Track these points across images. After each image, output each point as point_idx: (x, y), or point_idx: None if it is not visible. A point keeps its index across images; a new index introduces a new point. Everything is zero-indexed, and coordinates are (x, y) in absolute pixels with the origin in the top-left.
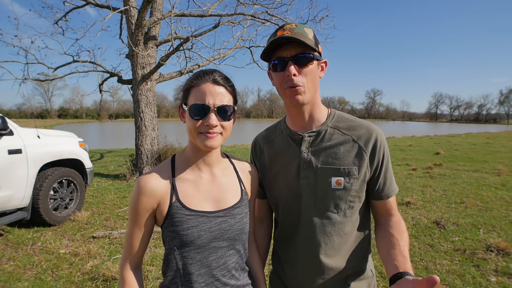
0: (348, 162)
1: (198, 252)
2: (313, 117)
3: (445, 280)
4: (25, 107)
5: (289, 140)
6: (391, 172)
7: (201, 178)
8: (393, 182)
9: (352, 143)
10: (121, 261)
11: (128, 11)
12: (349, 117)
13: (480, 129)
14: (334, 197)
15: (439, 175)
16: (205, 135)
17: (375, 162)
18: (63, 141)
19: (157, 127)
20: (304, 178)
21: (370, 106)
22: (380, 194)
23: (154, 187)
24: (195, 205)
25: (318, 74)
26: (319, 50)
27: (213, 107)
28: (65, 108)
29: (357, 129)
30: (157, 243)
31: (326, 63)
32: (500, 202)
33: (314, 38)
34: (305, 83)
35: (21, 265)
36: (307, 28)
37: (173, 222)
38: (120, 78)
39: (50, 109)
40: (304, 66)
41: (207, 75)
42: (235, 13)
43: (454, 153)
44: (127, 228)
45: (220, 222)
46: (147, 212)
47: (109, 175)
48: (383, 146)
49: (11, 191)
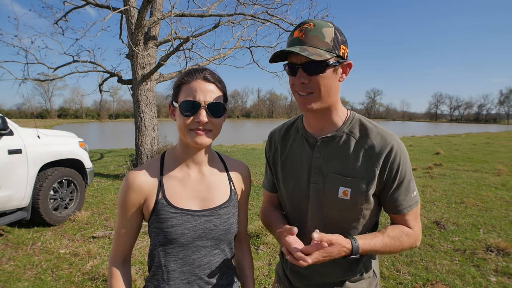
0: (358, 174)
1: (181, 250)
2: (329, 121)
3: (445, 280)
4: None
5: (304, 142)
6: (408, 187)
7: (189, 176)
8: (408, 198)
9: (364, 153)
10: (110, 255)
11: (128, 11)
12: (368, 124)
13: (480, 129)
14: (340, 206)
15: (439, 175)
16: (195, 132)
17: (386, 175)
18: (63, 141)
19: (157, 127)
20: (314, 182)
21: (370, 106)
22: (393, 208)
23: (141, 183)
24: (181, 203)
25: (334, 79)
26: (339, 53)
27: (204, 103)
28: (65, 108)
29: (372, 138)
30: None
31: (350, 65)
32: (500, 202)
33: (334, 40)
34: (317, 90)
35: (21, 265)
36: (327, 28)
37: (158, 219)
38: (120, 78)
39: (50, 109)
40: (315, 74)
41: (197, 73)
42: (235, 13)
43: (454, 153)
44: (116, 223)
45: (205, 222)
46: (134, 207)
47: (109, 175)
48: (398, 159)
49: (11, 191)
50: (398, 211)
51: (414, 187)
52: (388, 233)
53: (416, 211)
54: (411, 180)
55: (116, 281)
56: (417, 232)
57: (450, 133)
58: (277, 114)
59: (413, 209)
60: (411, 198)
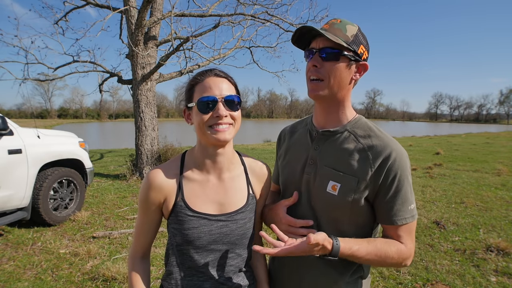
0: (350, 171)
1: (197, 252)
2: (334, 117)
3: (445, 280)
4: (25, 107)
5: (307, 134)
6: (405, 198)
7: (208, 181)
8: (404, 209)
9: (361, 153)
10: (129, 251)
11: (128, 11)
12: (373, 127)
13: (480, 129)
14: (327, 201)
15: (439, 175)
16: (215, 129)
17: (381, 180)
18: (63, 141)
19: (157, 127)
20: (307, 173)
21: (370, 106)
22: (385, 218)
23: (162, 183)
24: (198, 207)
25: (347, 74)
26: (357, 50)
27: (220, 98)
28: (65, 108)
29: (373, 140)
30: (157, 243)
31: (366, 67)
32: (500, 202)
33: (354, 37)
34: (327, 77)
35: (21, 265)
36: (351, 26)
37: (176, 220)
38: (120, 78)
39: (50, 109)
40: (329, 61)
41: (208, 71)
42: (235, 13)
43: (454, 153)
44: (136, 219)
45: (221, 226)
46: (154, 205)
47: (109, 175)
48: (396, 167)
49: (11, 191)
50: (391, 221)
51: (412, 200)
52: (376, 243)
53: (411, 227)
54: (410, 192)
55: (135, 276)
56: (409, 250)
57: (450, 133)
58: (277, 114)
59: (409, 222)
60: (408, 211)
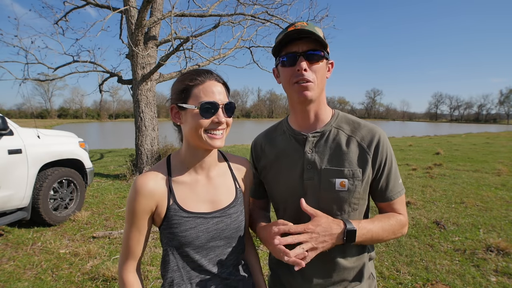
0: (353, 164)
1: (197, 251)
2: (317, 117)
3: (445, 280)
4: (25, 107)
5: (292, 140)
6: (396, 174)
7: (197, 180)
8: (397, 184)
9: (355, 145)
10: (119, 263)
11: (128, 11)
12: (352, 118)
13: (480, 129)
14: (338, 199)
15: (439, 175)
16: (210, 135)
17: (377, 163)
18: (63, 141)
19: (157, 127)
20: (308, 179)
21: (370, 106)
22: (383, 196)
23: (152, 189)
24: (192, 207)
25: (325, 72)
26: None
27: (222, 104)
28: (65, 108)
29: (360, 130)
30: (157, 243)
31: (333, 64)
32: (500, 202)
33: (324, 37)
34: (315, 79)
35: (21, 265)
36: (318, 28)
37: (171, 224)
38: (120, 78)
39: (50, 109)
40: (315, 63)
41: (207, 74)
42: (235, 13)
43: (454, 153)
44: (124, 230)
45: (217, 222)
46: (145, 214)
47: (109, 175)
48: (385, 148)
49: (11, 191)
50: (388, 198)
51: (399, 175)
52: (381, 218)
53: (403, 198)
54: (397, 168)
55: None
56: (405, 217)
57: (450, 133)
58: (277, 114)
59: (402, 195)
60: (399, 185)
